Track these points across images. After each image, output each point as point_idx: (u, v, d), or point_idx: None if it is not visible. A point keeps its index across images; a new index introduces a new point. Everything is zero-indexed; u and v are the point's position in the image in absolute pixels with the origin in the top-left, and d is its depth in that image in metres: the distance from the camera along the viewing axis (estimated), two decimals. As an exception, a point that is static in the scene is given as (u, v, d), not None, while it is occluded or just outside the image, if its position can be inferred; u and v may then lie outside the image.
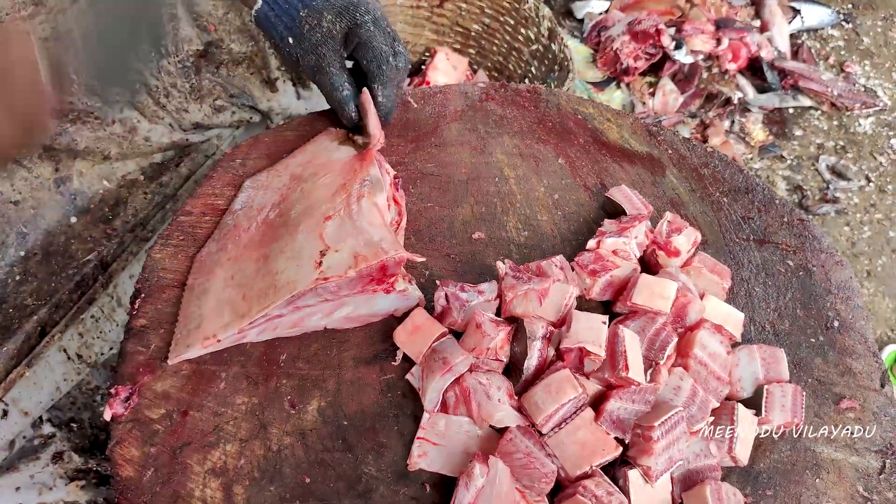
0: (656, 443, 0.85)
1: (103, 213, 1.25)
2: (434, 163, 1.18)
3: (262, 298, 0.93)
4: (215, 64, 1.42)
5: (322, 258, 0.93)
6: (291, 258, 0.95)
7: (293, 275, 0.93)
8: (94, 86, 1.23)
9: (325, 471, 0.88)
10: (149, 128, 1.29)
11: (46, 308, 1.19)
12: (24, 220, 1.17)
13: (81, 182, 1.23)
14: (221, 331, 0.93)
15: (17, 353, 1.17)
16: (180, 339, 0.96)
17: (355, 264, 0.90)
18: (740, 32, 2.73)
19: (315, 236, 0.96)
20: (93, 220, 1.24)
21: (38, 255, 1.18)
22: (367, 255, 0.91)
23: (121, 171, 1.28)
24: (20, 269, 1.17)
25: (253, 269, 0.98)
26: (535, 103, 1.30)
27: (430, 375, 0.91)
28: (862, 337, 1.08)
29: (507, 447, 0.86)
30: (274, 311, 0.93)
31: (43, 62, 0.95)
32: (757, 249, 1.15)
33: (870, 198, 2.52)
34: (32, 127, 0.97)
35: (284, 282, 0.93)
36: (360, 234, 0.94)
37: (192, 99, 1.38)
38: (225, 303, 0.96)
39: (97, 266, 1.25)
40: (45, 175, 1.20)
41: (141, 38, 1.24)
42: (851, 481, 0.95)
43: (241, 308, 0.94)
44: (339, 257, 0.92)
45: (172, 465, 0.87)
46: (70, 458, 1.31)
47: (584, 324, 0.92)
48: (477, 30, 2.34)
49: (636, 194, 1.14)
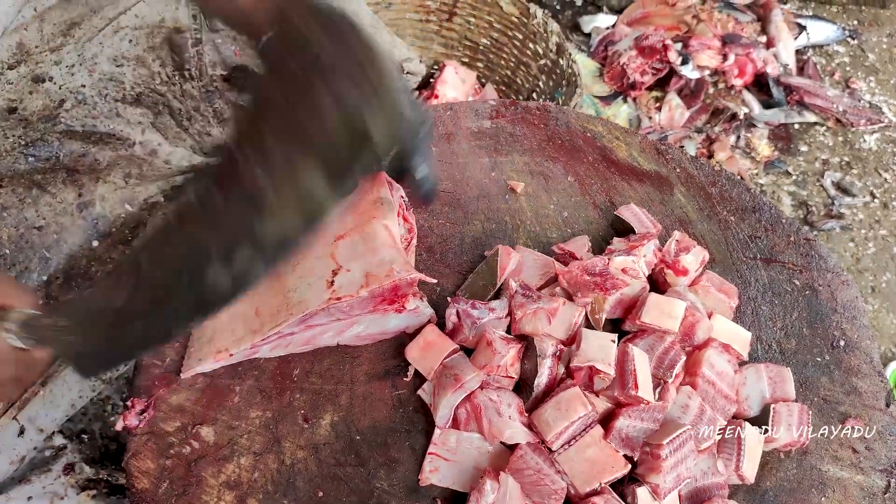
0: (665, 461, 0.86)
1: (124, 235, 1.26)
2: (445, 180, 1.20)
3: (275, 316, 0.94)
4: (239, 88, 1.43)
5: (334, 277, 0.93)
6: (303, 276, 0.96)
7: (305, 293, 0.94)
8: (118, 107, 1.24)
9: (338, 485, 0.89)
10: (170, 150, 1.31)
11: None
12: (46, 244, 1.18)
13: (104, 206, 1.24)
14: (234, 345, 0.94)
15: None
16: (193, 352, 0.97)
17: (367, 284, 0.91)
18: (746, 48, 2.75)
19: (327, 255, 0.97)
20: (114, 242, 1.25)
21: (59, 279, 1.19)
22: (378, 276, 0.92)
23: (143, 195, 1.29)
24: (42, 293, 1.18)
25: (265, 286, 0.99)
26: (545, 121, 1.31)
27: (441, 391, 0.92)
28: (867, 356, 1.09)
29: (518, 464, 0.87)
30: (286, 328, 0.94)
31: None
32: (764, 268, 1.16)
33: (875, 214, 2.53)
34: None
35: (297, 300, 0.94)
36: (371, 255, 0.94)
37: (214, 122, 1.40)
38: (238, 317, 0.97)
39: None
40: (69, 200, 1.21)
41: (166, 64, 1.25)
42: (857, 500, 0.96)
43: (254, 324, 0.95)
44: (350, 277, 0.93)
45: (187, 477, 0.88)
46: (81, 469, 1.32)
47: (593, 342, 0.93)
48: (485, 44, 2.35)
49: (645, 213, 1.15)
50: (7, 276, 1.12)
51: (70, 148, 1.20)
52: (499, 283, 1.04)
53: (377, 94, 0.70)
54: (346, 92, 0.69)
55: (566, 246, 1.09)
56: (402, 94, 0.73)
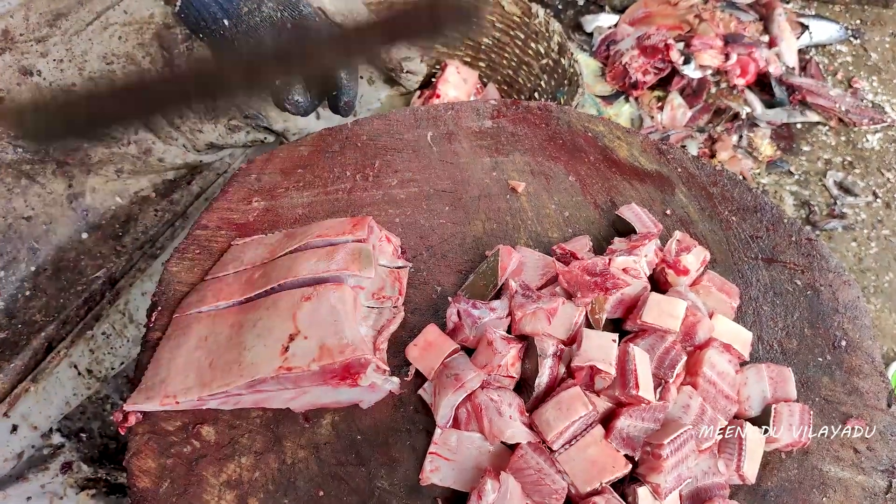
0: (665, 460, 0.86)
1: (114, 229, 1.26)
2: (447, 179, 1.20)
3: (226, 374, 0.90)
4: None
5: (290, 343, 0.90)
6: (261, 335, 0.92)
7: (258, 355, 0.90)
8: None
9: (339, 484, 0.89)
10: (163, 149, 1.31)
11: (54, 324, 1.20)
12: (35, 235, 1.18)
13: (94, 198, 1.24)
14: (182, 394, 0.91)
15: (24, 369, 1.18)
16: (143, 388, 0.93)
17: (319, 358, 0.87)
18: (749, 48, 2.74)
19: (289, 316, 0.93)
20: (103, 236, 1.25)
21: (48, 271, 1.19)
22: (332, 351, 0.88)
23: (133, 188, 1.29)
24: (30, 284, 1.17)
25: (226, 336, 0.95)
26: (546, 121, 1.31)
27: (442, 391, 0.92)
28: (869, 356, 1.09)
29: (518, 463, 0.87)
30: (234, 389, 0.90)
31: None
32: (765, 268, 1.16)
33: (877, 214, 2.53)
34: None
35: (249, 362, 0.90)
36: (331, 326, 0.90)
37: (206, 119, 1.40)
38: (192, 364, 0.93)
39: (105, 282, 1.26)
40: (59, 191, 1.21)
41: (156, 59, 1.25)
42: (858, 500, 0.96)
43: (205, 376, 0.91)
44: (305, 346, 0.89)
45: (188, 476, 0.88)
46: (79, 468, 1.33)
47: (594, 342, 0.93)
48: (487, 43, 2.35)
49: (646, 212, 1.15)
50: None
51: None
52: (499, 282, 1.04)
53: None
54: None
55: (567, 246, 1.09)
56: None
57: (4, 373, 1.16)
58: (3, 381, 1.16)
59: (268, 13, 1.04)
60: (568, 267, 1.03)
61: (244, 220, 1.12)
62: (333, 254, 0.98)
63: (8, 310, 1.16)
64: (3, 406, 1.17)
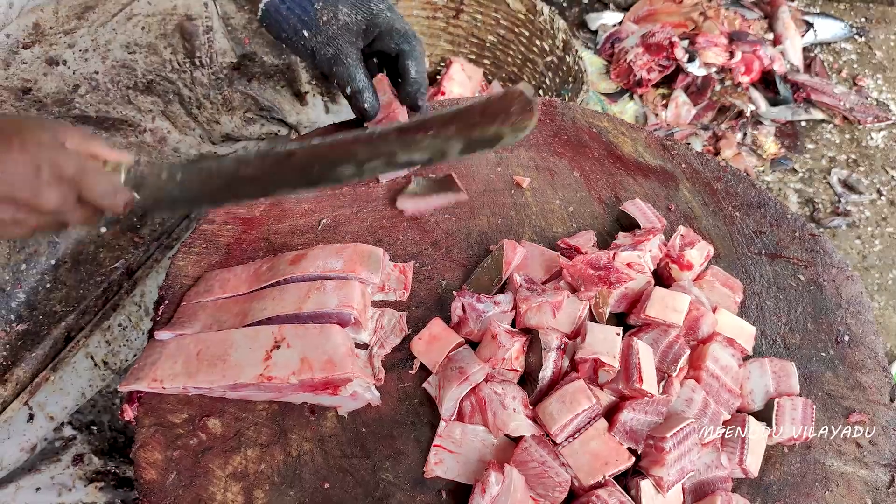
0: (668, 454, 0.86)
1: (132, 222, 1.27)
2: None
3: (210, 370, 0.91)
4: (247, 77, 1.44)
5: (274, 350, 0.91)
6: (249, 336, 0.93)
7: (243, 356, 0.91)
8: (129, 94, 1.25)
9: (344, 476, 0.90)
10: (179, 139, 1.32)
11: (74, 315, 1.21)
12: None
13: None
14: (168, 380, 0.92)
15: (45, 358, 1.19)
16: (137, 368, 0.95)
17: (299, 371, 0.89)
18: (753, 45, 2.74)
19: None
20: (122, 228, 1.26)
21: (67, 264, 1.21)
22: (312, 366, 0.89)
23: None
24: (50, 277, 1.19)
25: (228, 325, 0.97)
26: (551, 116, 1.32)
27: (446, 384, 0.93)
28: (872, 351, 1.09)
29: (522, 456, 0.88)
30: (217, 390, 0.92)
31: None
32: (769, 263, 1.16)
33: (881, 211, 2.53)
34: None
35: (233, 362, 0.91)
36: (316, 339, 0.92)
37: (223, 111, 1.41)
38: (182, 351, 0.94)
39: (123, 273, 1.28)
40: None
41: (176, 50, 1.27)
42: (860, 494, 0.96)
43: (191, 367, 0.92)
44: (288, 356, 0.90)
45: (195, 468, 0.89)
46: (90, 461, 1.34)
47: (598, 335, 0.94)
48: (492, 41, 2.36)
49: (650, 208, 1.15)
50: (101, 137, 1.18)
51: None
52: (504, 277, 1.05)
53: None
54: None
55: (571, 240, 1.09)
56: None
57: (26, 362, 1.18)
58: (24, 371, 1.18)
59: (344, 20, 1.07)
60: (572, 261, 1.03)
61: (250, 214, 1.12)
62: (341, 252, 1.00)
63: (29, 301, 1.17)
64: (24, 394, 1.19)
